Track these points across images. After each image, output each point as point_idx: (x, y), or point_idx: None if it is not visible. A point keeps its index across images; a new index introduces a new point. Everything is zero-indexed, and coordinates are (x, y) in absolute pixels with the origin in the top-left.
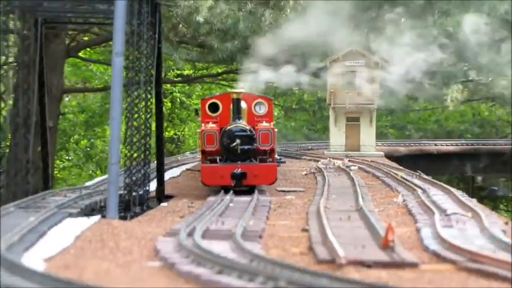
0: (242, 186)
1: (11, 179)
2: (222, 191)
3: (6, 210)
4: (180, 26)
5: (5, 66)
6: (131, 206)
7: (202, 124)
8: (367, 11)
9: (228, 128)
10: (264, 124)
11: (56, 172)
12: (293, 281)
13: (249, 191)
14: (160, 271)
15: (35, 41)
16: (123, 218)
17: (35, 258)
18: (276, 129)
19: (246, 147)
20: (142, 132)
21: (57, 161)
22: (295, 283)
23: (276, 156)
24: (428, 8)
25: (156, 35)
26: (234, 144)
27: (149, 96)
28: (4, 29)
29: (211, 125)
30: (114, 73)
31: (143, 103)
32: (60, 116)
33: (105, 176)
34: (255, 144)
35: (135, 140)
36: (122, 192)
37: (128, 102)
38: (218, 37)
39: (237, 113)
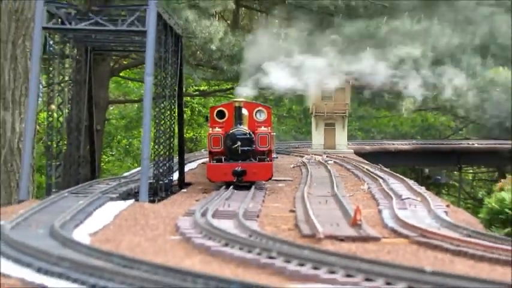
0: (242, 182)
1: (66, 171)
2: (224, 186)
3: (62, 195)
4: (198, 52)
5: (63, 84)
6: (158, 191)
7: (210, 128)
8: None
9: (231, 131)
10: (263, 129)
11: (102, 165)
12: (282, 252)
13: (248, 186)
14: (180, 244)
15: (85, 64)
16: (152, 201)
17: (82, 234)
18: (274, 133)
19: (246, 148)
20: (168, 134)
21: (103, 156)
22: (284, 254)
23: (274, 155)
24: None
25: (179, 60)
26: (236, 145)
27: (173, 107)
28: (61, 55)
29: (217, 130)
30: (146, 89)
31: (168, 112)
32: (106, 121)
33: (139, 168)
34: (254, 146)
35: (161, 140)
36: (151, 181)
37: (156, 111)
38: (227, 61)
39: (239, 119)
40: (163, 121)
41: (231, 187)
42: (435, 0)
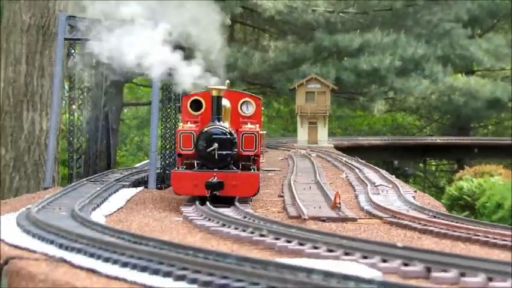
0: (218, 198)
1: (86, 163)
2: (197, 202)
3: (81, 183)
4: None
5: (83, 88)
6: (165, 180)
7: (180, 124)
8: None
9: (205, 129)
10: (249, 126)
11: (117, 158)
12: (272, 230)
13: (229, 201)
14: (183, 224)
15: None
16: (159, 188)
17: (98, 215)
18: (264, 132)
19: (224, 152)
20: (173, 130)
21: (118, 151)
22: (273, 232)
23: (262, 159)
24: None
25: None
26: (211, 148)
27: (177, 107)
28: (82, 63)
29: (189, 125)
30: (153, 93)
31: (173, 112)
32: (121, 121)
33: (148, 160)
34: (235, 150)
35: (167, 136)
36: (159, 171)
37: (163, 112)
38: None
39: (217, 113)
40: (169, 120)
41: (206, 203)
42: (403, 16)
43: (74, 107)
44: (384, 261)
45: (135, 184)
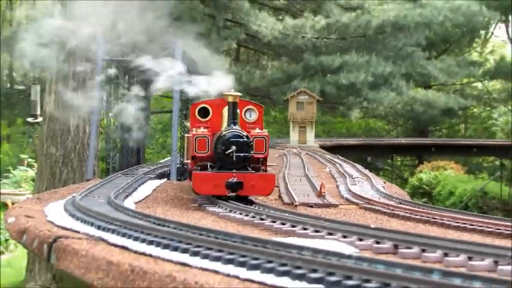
0: (237, 197)
1: (120, 159)
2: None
3: (116, 176)
4: None
5: (118, 99)
6: (183, 173)
7: (193, 129)
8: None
9: (224, 133)
10: (258, 131)
11: (146, 155)
12: (270, 215)
13: (248, 201)
14: (197, 209)
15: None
16: (179, 180)
17: (130, 202)
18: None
19: (241, 154)
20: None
21: (147, 150)
22: (271, 216)
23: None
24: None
25: None
26: (230, 151)
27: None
28: (117, 78)
29: (202, 130)
30: (174, 102)
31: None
32: (148, 126)
33: (170, 157)
34: (252, 152)
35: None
36: (178, 166)
37: (182, 117)
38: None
39: (233, 117)
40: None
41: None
42: (374, 42)
43: (110, 114)
44: (360, 239)
45: (160, 176)
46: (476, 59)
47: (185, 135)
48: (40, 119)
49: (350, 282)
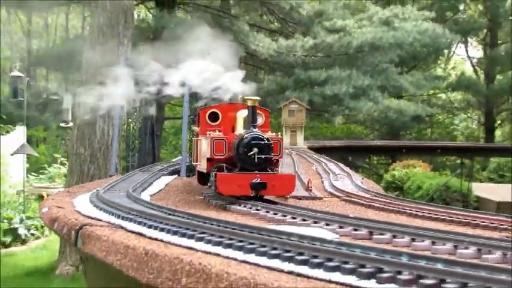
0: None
1: (138, 158)
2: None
3: (135, 172)
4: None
5: (136, 107)
6: (193, 170)
7: (207, 132)
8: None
9: (245, 136)
10: (271, 134)
11: (160, 155)
12: (264, 206)
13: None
14: (203, 201)
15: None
16: (188, 176)
17: (146, 195)
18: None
19: (263, 156)
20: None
21: (161, 150)
22: (265, 207)
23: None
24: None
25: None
26: (252, 152)
27: (191, 120)
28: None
29: (217, 133)
30: (184, 110)
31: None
32: (162, 130)
33: (180, 157)
34: (272, 154)
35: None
36: (187, 164)
37: (190, 123)
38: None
39: (253, 120)
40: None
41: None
42: (354, 59)
43: (130, 120)
44: (341, 227)
45: (171, 173)
46: (440, 74)
47: (194, 138)
48: (71, 124)
49: (331, 264)
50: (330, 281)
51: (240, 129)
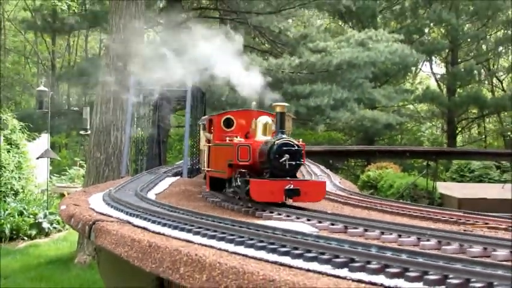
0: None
1: (147, 161)
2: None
3: (143, 174)
4: (215, 102)
5: (145, 116)
6: (193, 172)
7: (227, 138)
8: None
9: (276, 142)
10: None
11: (166, 159)
12: (253, 204)
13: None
14: (202, 199)
15: (157, 105)
16: (189, 177)
17: (152, 194)
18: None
19: (293, 162)
20: (197, 142)
21: (168, 155)
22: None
23: None
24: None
25: (204, 105)
26: (284, 159)
27: (201, 126)
28: (144, 100)
29: (239, 139)
30: (186, 120)
31: (198, 131)
32: (168, 137)
33: (183, 160)
34: (302, 160)
35: (194, 145)
36: (189, 166)
37: (200, 129)
38: (236, 104)
39: (281, 127)
40: (195, 136)
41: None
42: (334, 75)
43: (139, 128)
44: (320, 222)
45: (175, 174)
46: (408, 88)
47: (206, 144)
48: (89, 131)
49: (309, 255)
50: (308, 270)
51: (260, 136)
